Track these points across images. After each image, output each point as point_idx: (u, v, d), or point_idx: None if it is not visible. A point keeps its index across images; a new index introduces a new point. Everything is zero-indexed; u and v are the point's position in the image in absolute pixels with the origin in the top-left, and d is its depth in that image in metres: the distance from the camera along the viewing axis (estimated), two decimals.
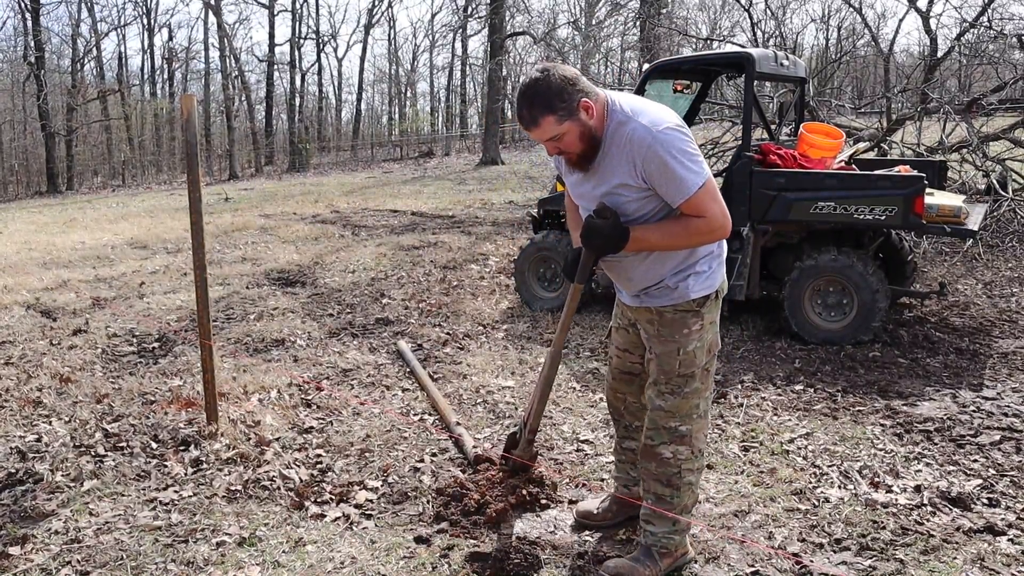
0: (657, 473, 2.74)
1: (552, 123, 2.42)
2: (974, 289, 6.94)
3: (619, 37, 28.29)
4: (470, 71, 43.63)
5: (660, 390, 2.69)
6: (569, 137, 2.46)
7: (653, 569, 2.73)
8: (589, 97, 2.44)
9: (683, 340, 2.64)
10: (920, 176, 5.20)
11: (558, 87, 2.40)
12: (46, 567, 2.94)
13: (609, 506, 3.15)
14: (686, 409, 2.68)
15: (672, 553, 2.78)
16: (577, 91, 2.42)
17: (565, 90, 2.40)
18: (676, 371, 2.66)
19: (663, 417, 2.69)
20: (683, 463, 2.71)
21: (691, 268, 2.61)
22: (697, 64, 6.45)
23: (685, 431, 2.69)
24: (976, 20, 10.59)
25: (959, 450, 3.79)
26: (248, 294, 7.67)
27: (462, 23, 37.83)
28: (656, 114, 2.45)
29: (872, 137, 9.87)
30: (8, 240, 12.81)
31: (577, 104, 2.42)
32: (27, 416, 4.48)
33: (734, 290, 5.70)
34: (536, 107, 2.42)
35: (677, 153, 2.39)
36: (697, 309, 2.63)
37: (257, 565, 2.91)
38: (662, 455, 2.71)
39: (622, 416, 3.07)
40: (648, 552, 2.77)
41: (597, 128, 2.48)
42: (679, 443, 2.70)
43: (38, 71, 31.82)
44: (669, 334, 2.65)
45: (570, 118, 2.42)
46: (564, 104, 2.40)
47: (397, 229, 11.93)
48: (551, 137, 2.46)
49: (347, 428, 4.22)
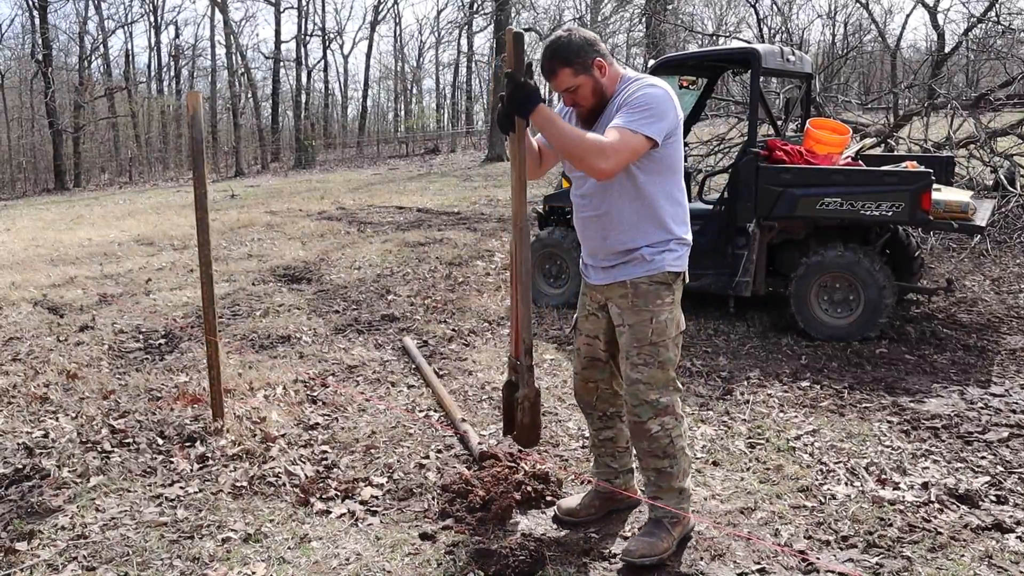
0: (652, 449, 2.84)
1: (568, 75, 2.70)
2: (982, 285, 6.90)
3: (625, 33, 28.23)
4: (476, 68, 43.61)
5: (634, 362, 2.81)
6: (583, 90, 2.72)
7: (668, 540, 2.83)
8: (604, 59, 2.71)
9: (656, 310, 2.78)
10: (927, 172, 5.18)
11: (578, 44, 2.68)
12: (52, 562, 2.95)
13: (591, 501, 3.16)
14: (663, 380, 2.81)
15: (681, 521, 2.88)
16: (594, 51, 2.69)
17: (583, 48, 2.68)
18: (648, 339, 2.78)
19: (643, 390, 2.80)
20: (671, 431, 2.83)
21: (665, 246, 2.78)
22: (703, 60, 6.43)
23: (666, 402, 2.82)
24: (984, 15, 10.54)
25: (967, 447, 3.77)
26: (254, 290, 7.68)
27: (468, 20, 37.76)
28: (656, 82, 2.69)
29: (879, 133, 9.83)
30: (16, 237, 12.86)
31: (592, 61, 2.69)
32: (34, 412, 4.49)
33: (740, 286, 5.69)
34: (556, 59, 2.70)
35: (641, 104, 2.62)
36: (669, 283, 2.79)
37: (263, 561, 2.92)
38: (651, 430, 2.82)
39: (594, 408, 3.14)
40: (659, 524, 2.86)
41: (608, 87, 2.74)
42: (663, 414, 2.82)
43: (45, 68, 31.91)
44: (643, 304, 2.78)
45: (585, 72, 2.69)
46: (580, 60, 2.68)
47: (403, 226, 11.93)
48: (567, 88, 2.72)
49: (352, 424, 4.22)
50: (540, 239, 6.62)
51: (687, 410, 4.31)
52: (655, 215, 2.77)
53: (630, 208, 2.77)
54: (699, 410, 4.33)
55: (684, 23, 17.67)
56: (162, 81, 44.07)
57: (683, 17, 19.55)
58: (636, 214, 2.77)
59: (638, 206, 2.76)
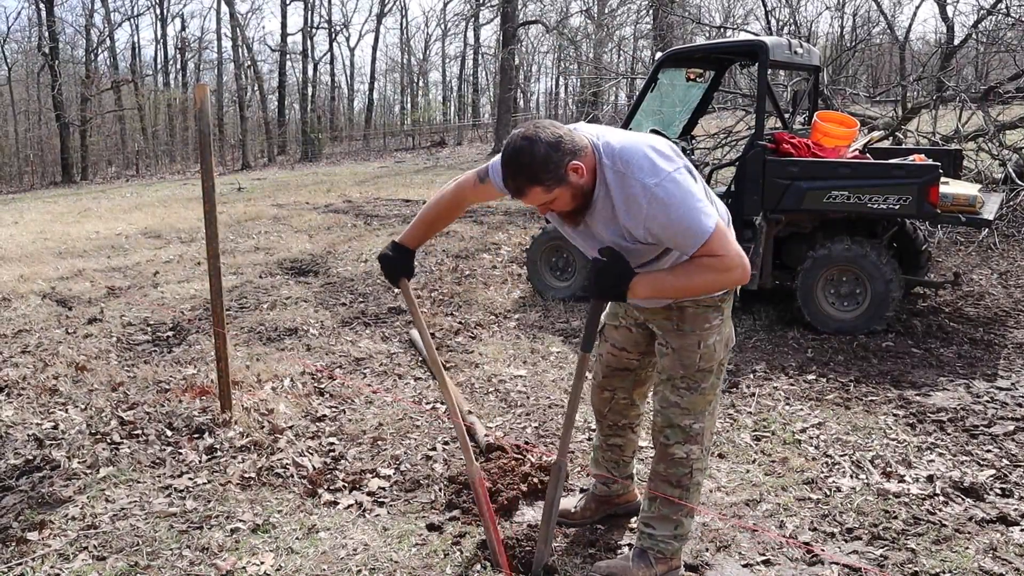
0: (668, 474, 2.67)
1: (540, 193, 2.28)
2: (989, 279, 6.88)
3: (632, 25, 28.12)
4: (482, 60, 43.52)
5: (676, 385, 2.60)
6: (560, 201, 2.32)
7: (647, 572, 2.66)
8: (577, 157, 2.26)
9: (704, 334, 2.56)
10: (935, 165, 5.16)
11: (542, 157, 2.22)
12: (63, 552, 2.98)
13: (587, 504, 3.12)
14: (702, 405, 2.62)
15: (668, 560, 2.69)
16: (564, 155, 2.24)
17: (550, 159, 2.22)
18: (696, 365, 2.58)
19: (678, 414, 2.61)
20: (695, 463, 2.65)
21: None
22: (710, 52, 6.41)
23: (699, 429, 2.63)
24: (994, 7, 10.47)
25: (972, 440, 3.77)
26: (261, 283, 7.71)
27: (474, 12, 37.68)
28: (647, 162, 2.27)
29: (887, 126, 9.78)
30: (24, 230, 12.92)
31: (565, 170, 2.25)
32: (44, 404, 4.52)
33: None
34: (520, 178, 2.27)
35: (679, 204, 2.23)
36: (719, 304, 2.57)
37: (271, 551, 2.94)
38: (675, 455, 2.64)
39: (605, 417, 3.00)
40: (643, 554, 2.69)
41: (588, 184, 2.32)
42: (692, 442, 2.63)
43: (52, 61, 31.97)
44: (690, 328, 2.57)
45: (559, 185, 2.27)
46: (551, 174, 2.24)
47: (409, 219, 11.92)
48: (543, 203, 2.33)
49: (360, 416, 4.24)
50: (546, 231, 6.62)
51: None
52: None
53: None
54: None
55: (691, 15, 17.58)
56: (168, 74, 44.13)
57: (690, 9, 19.43)
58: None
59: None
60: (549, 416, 4.22)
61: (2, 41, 37.23)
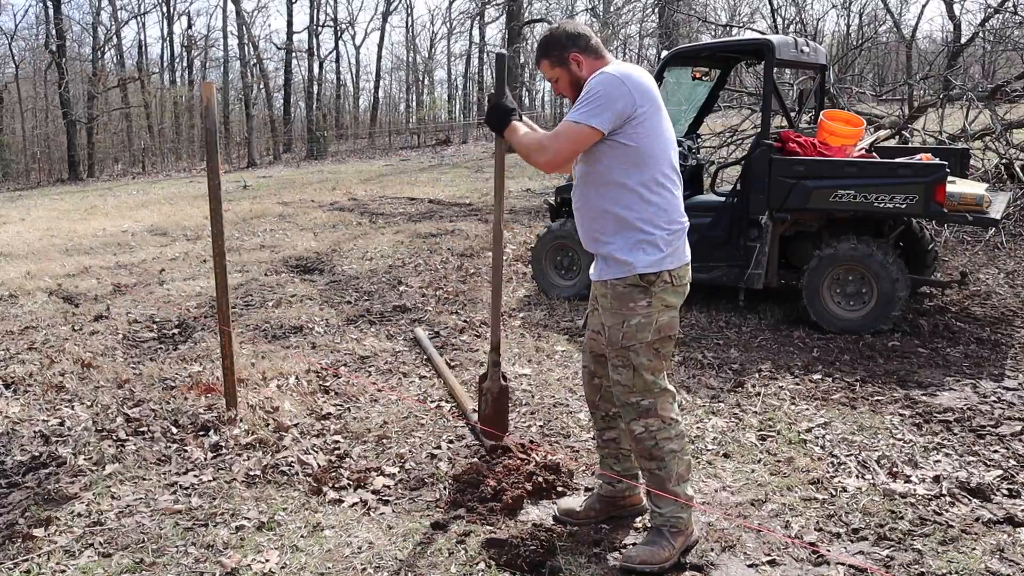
0: (639, 450, 2.83)
1: (546, 66, 2.82)
2: (996, 278, 6.86)
3: (638, 24, 28.10)
4: (488, 58, 43.47)
5: (613, 364, 2.81)
6: (561, 83, 2.82)
7: (669, 549, 2.77)
8: (582, 52, 2.76)
9: (627, 314, 2.73)
10: (942, 164, 5.15)
11: (555, 38, 2.78)
12: (69, 549, 2.99)
13: (592, 504, 3.13)
14: (641, 384, 2.77)
15: (683, 531, 2.82)
16: (572, 45, 2.76)
17: (561, 41, 2.77)
18: (619, 342, 2.75)
19: (624, 392, 2.80)
20: (656, 433, 2.78)
21: (637, 246, 2.70)
22: (716, 51, 6.40)
23: (648, 404, 2.78)
24: (1001, 5, 10.43)
25: (979, 440, 3.76)
26: (266, 281, 7.72)
27: (480, 10, 37.64)
28: (612, 69, 2.66)
29: (893, 124, 9.75)
30: (31, 227, 12.96)
31: (568, 56, 2.76)
32: (50, 400, 4.54)
33: (752, 279, 5.68)
34: (538, 51, 2.84)
35: (585, 95, 2.64)
36: (645, 286, 2.71)
37: (276, 549, 2.95)
38: (635, 431, 2.81)
39: (597, 407, 3.10)
40: (660, 532, 2.81)
41: (585, 79, 2.72)
42: (646, 416, 2.78)
43: (59, 59, 32.06)
44: (617, 307, 2.75)
45: (560, 66, 2.78)
46: (556, 53, 2.77)
47: (414, 217, 11.94)
48: (549, 78, 2.83)
49: (365, 414, 4.25)
50: (552, 231, 6.62)
51: (698, 402, 4.32)
52: (623, 211, 2.70)
53: (597, 203, 2.76)
54: (710, 402, 4.33)
55: (697, 14, 17.57)
56: (175, 72, 44.20)
57: (696, 7, 19.42)
58: (602, 209, 2.74)
59: (604, 201, 2.73)
60: (554, 415, 4.22)
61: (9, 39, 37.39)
